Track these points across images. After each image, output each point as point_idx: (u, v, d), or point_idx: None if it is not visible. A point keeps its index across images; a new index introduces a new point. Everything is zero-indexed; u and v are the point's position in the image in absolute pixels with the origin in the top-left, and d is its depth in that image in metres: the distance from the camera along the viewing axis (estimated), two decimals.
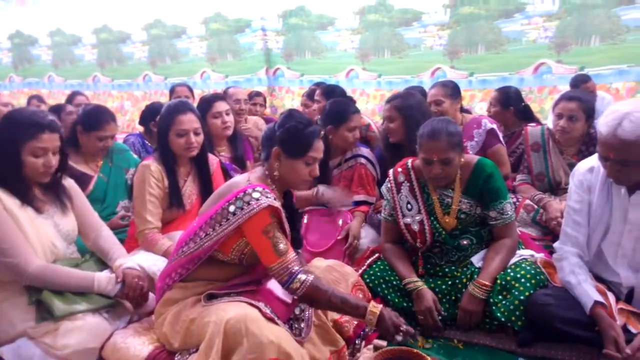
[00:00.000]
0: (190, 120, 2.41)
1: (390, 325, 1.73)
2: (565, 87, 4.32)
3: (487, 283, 2.05)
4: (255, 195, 1.72)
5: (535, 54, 4.94)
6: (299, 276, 1.72)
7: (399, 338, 1.73)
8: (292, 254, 1.75)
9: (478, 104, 5.25)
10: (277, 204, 1.76)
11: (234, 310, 1.64)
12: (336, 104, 2.97)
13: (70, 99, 4.64)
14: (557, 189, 2.88)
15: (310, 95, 3.95)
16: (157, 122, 2.52)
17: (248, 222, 1.71)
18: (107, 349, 1.85)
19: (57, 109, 4.08)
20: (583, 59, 4.72)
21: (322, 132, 1.88)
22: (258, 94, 5.08)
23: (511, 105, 3.62)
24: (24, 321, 1.85)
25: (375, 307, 1.74)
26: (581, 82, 4.11)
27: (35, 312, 1.88)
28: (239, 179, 1.89)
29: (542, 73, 4.94)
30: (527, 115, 3.67)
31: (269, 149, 1.86)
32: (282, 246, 1.73)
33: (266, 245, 1.72)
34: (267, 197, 1.73)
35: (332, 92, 3.57)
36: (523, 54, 5.01)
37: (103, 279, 1.98)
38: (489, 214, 2.20)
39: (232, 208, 1.73)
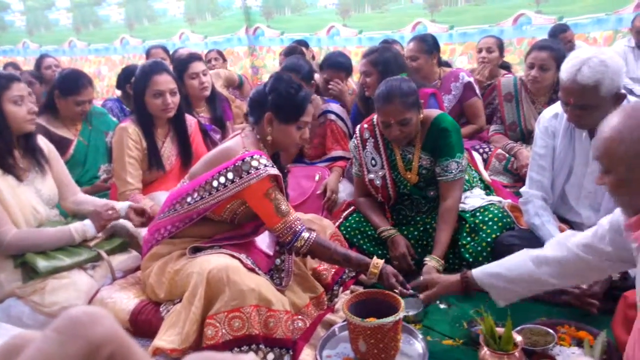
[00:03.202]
0: (166, 81, 2.41)
1: (387, 285, 1.83)
2: (544, 38, 4.33)
3: (440, 256, 2.06)
4: (254, 163, 1.75)
5: (515, 5, 4.91)
6: (303, 234, 1.80)
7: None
8: (294, 214, 1.81)
9: (459, 57, 5.25)
10: (276, 171, 1.79)
11: (216, 261, 1.71)
12: (290, 61, 2.96)
13: (38, 62, 4.57)
14: (529, 137, 2.95)
15: (287, 54, 3.92)
16: (133, 84, 2.51)
17: (248, 188, 1.75)
18: (94, 305, 1.92)
19: None
20: (562, 8, 4.70)
21: (312, 96, 1.91)
22: (210, 51, 4.94)
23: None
24: (12, 282, 1.91)
25: (376, 267, 1.82)
26: (560, 32, 4.12)
27: (22, 272, 1.93)
28: (234, 145, 1.88)
29: (521, 24, 4.92)
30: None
31: (260, 113, 1.87)
32: (283, 207, 1.78)
33: (268, 208, 1.77)
34: (265, 165, 1.76)
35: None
36: (503, 4, 4.97)
37: (78, 225, 2.04)
38: (435, 169, 2.22)
39: (230, 175, 1.76)
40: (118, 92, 3.91)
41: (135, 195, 2.39)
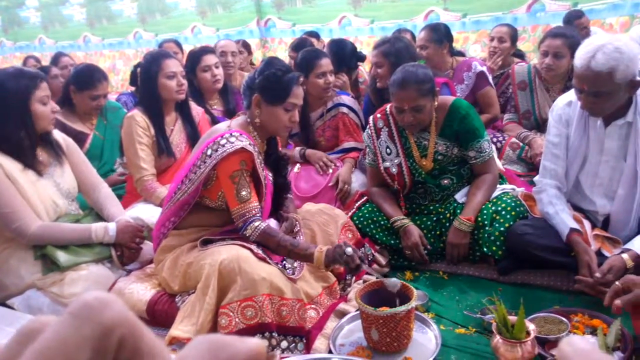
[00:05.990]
0: (176, 64, 2.49)
1: (342, 261, 1.73)
2: (559, 25, 4.26)
3: (470, 217, 2.12)
4: (232, 139, 1.79)
5: None
6: (252, 223, 1.80)
7: (365, 267, 1.76)
8: (253, 203, 1.82)
9: (472, 46, 5.19)
10: (251, 148, 1.82)
11: (227, 252, 1.74)
12: (303, 53, 2.94)
13: (54, 60, 4.61)
14: (543, 126, 2.92)
15: (295, 47, 3.88)
16: (141, 71, 2.53)
17: (220, 164, 1.79)
18: None
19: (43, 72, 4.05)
20: None
21: (302, 79, 1.92)
22: (237, 41, 5.01)
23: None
24: (32, 274, 1.96)
25: (321, 249, 1.77)
26: (575, 18, 4.04)
27: (42, 264, 1.98)
28: (220, 126, 1.95)
29: (535, 11, 4.84)
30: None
31: (249, 96, 1.90)
32: (243, 193, 1.81)
33: (231, 190, 1.81)
34: (241, 140, 1.79)
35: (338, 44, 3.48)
36: None
37: (100, 228, 2.07)
38: (468, 153, 2.24)
39: (209, 152, 1.81)
40: (132, 87, 3.93)
41: (153, 183, 2.43)
